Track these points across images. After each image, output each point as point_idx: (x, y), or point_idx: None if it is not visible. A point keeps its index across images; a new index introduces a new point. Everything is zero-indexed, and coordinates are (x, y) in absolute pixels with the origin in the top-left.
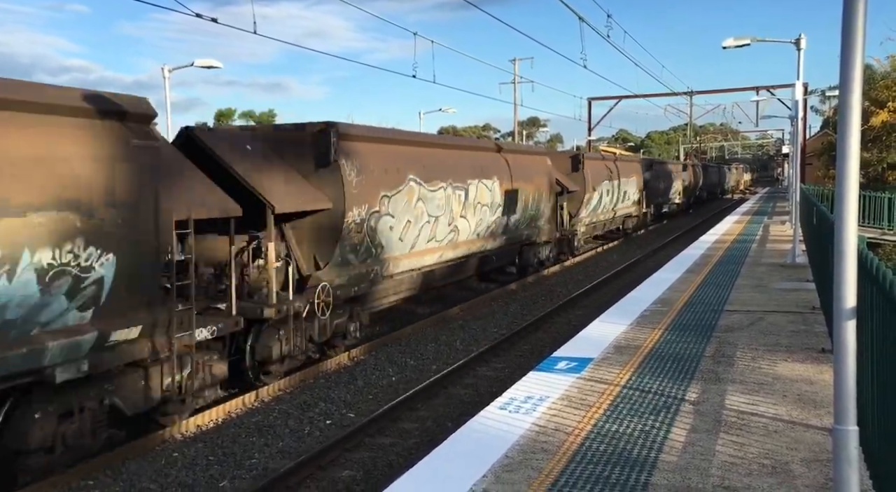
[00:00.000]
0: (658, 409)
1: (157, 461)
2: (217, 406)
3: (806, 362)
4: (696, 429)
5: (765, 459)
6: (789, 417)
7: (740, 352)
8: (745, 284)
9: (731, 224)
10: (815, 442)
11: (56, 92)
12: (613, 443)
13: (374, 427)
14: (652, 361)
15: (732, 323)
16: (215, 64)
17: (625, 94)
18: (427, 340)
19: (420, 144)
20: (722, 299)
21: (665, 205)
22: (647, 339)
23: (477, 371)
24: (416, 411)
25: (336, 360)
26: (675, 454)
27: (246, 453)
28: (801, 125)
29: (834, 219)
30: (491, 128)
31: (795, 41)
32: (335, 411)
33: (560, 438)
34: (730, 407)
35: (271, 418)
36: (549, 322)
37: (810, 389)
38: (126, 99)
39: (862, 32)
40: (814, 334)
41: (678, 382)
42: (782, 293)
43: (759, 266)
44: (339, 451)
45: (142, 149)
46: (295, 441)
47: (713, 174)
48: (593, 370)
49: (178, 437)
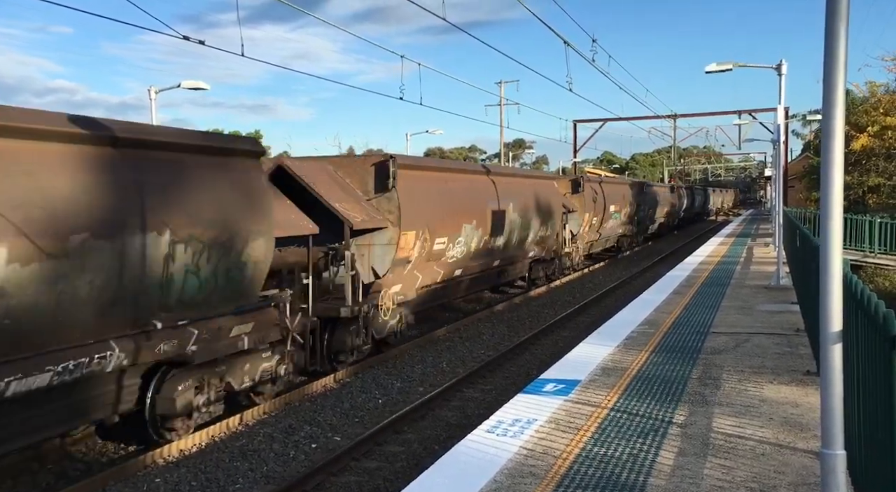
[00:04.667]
0: (646, 432)
1: (140, 487)
2: (199, 430)
3: (791, 385)
4: (684, 452)
5: (753, 482)
6: (776, 440)
7: (726, 374)
8: (731, 306)
9: (715, 246)
10: (803, 465)
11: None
12: (602, 467)
13: (361, 450)
14: (639, 383)
15: (718, 345)
16: (203, 85)
17: (610, 117)
18: (414, 361)
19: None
20: (708, 321)
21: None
22: (634, 361)
23: (464, 393)
24: (402, 434)
25: (322, 382)
26: (664, 478)
27: (230, 478)
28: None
29: (818, 243)
30: (477, 149)
31: (777, 67)
32: (321, 434)
33: (549, 461)
34: (717, 430)
35: (256, 441)
36: (535, 344)
37: (796, 411)
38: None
39: (844, 57)
40: (798, 356)
41: (666, 404)
42: (767, 315)
43: (743, 288)
44: (325, 475)
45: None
46: (280, 466)
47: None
48: (581, 392)
49: (160, 462)
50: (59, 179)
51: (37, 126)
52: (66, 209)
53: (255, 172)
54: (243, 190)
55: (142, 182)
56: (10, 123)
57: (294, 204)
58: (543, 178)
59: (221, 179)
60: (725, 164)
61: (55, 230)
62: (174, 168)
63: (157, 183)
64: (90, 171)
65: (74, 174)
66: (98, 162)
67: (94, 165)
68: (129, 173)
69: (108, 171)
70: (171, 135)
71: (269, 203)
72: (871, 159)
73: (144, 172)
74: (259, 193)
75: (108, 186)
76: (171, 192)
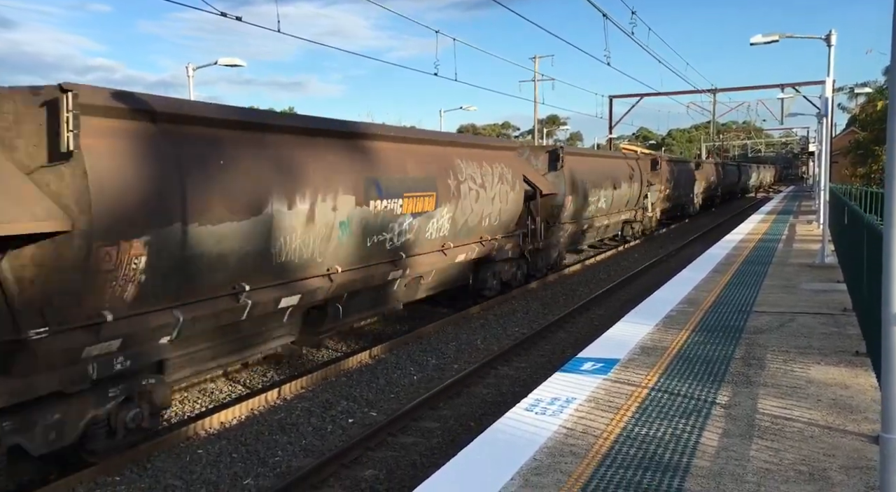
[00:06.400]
0: (688, 412)
1: (182, 458)
2: (240, 403)
3: (840, 366)
4: (728, 433)
5: (802, 465)
6: (825, 422)
7: (771, 354)
8: (773, 285)
9: (755, 223)
10: (854, 448)
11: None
12: (644, 447)
13: (397, 426)
14: (680, 362)
15: (762, 324)
16: (239, 62)
17: (647, 92)
18: (448, 338)
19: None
20: (750, 300)
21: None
22: (675, 340)
23: (499, 370)
24: (438, 410)
25: (357, 358)
26: (709, 459)
27: (269, 450)
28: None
29: (871, 220)
30: (510, 126)
31: (826, 37)
32: (357, 409)
33: (589, 441)
34: (763, 411)
35: (294, 415)
36: (570, 322)
37: (845, 393)
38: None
39: None
40: (846, 337)
41: (708, 385)
42: (812, 294)
43: (786, 266)
44: (362, 450)
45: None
46: (318, 439)
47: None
48: (620, 372)
49: (202, 434)
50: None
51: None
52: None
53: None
54: (510, 169)
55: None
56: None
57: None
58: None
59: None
60: (766, 139)
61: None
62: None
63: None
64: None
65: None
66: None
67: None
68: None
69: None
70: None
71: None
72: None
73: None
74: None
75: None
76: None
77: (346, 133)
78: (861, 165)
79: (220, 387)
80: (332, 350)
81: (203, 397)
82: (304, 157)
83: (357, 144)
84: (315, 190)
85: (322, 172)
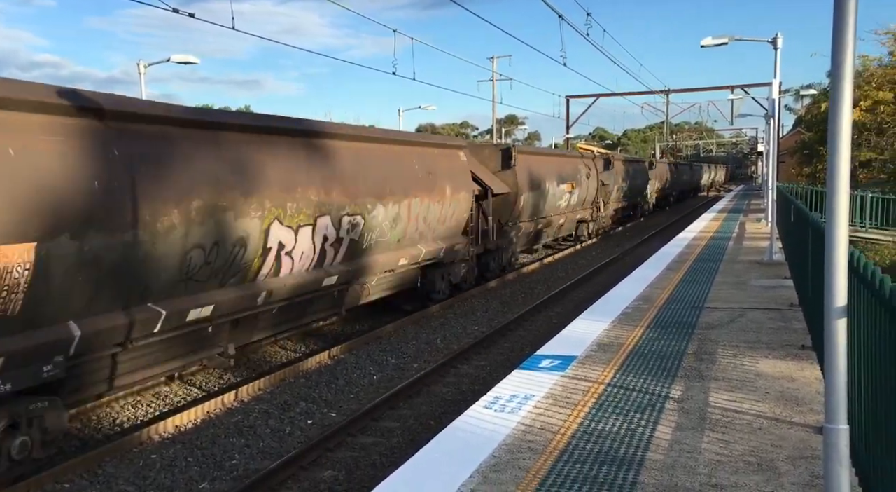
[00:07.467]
0: (643, 407)
1: (135, 463)
2: (195, 406)
3: (787, 359)
4: (681, 427)
5: (751, 456)
6: (773, 414)
7: (722, 349)
8: (725, 282)
9: (707, 222)
10: (800, 439)
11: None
12: (600, 442)
13: (356, 426)
14: (635, 358)
15: (713, 320)
16: (192, 60)
17: (603, 92)
18: (408, 337)
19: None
20: (702, 297)
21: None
22: (630, 336)
23: (459, 369)
24: (397, 409)
25: (317, 358)
26: (662, 453)
27: (226, 454)
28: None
29: (815, 218)
30: (469, 125)
31: (772, 40)
32: (316, 410)
33: (547, 437)
34: (714, 404)
35: (251, 417)
36: (529, 320)
37: (792, 385)
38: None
39: (853, 25)
40: (793, 331)
41: (662, 379)
42: (761, 290)
43: (736, 263)
44: (321, 451)
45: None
46: (276, 442)
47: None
48: (577, 368)
49: (155, 438)
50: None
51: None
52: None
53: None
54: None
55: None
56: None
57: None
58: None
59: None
60: (717, 139)
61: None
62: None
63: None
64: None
65: None
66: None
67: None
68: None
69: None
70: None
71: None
72: (863, 134)
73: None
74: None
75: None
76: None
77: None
78: (807, 165)
79: (174, 390)
80: (290, 351)
81: (157, 401)
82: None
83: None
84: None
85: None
